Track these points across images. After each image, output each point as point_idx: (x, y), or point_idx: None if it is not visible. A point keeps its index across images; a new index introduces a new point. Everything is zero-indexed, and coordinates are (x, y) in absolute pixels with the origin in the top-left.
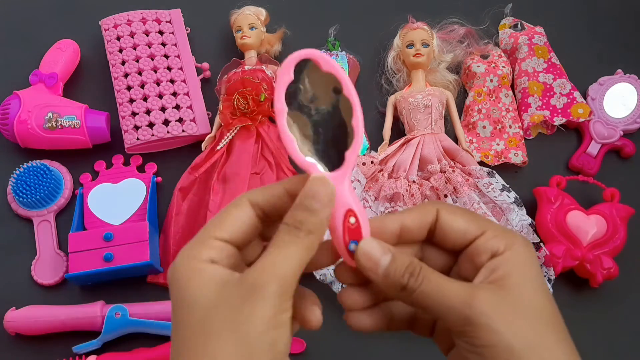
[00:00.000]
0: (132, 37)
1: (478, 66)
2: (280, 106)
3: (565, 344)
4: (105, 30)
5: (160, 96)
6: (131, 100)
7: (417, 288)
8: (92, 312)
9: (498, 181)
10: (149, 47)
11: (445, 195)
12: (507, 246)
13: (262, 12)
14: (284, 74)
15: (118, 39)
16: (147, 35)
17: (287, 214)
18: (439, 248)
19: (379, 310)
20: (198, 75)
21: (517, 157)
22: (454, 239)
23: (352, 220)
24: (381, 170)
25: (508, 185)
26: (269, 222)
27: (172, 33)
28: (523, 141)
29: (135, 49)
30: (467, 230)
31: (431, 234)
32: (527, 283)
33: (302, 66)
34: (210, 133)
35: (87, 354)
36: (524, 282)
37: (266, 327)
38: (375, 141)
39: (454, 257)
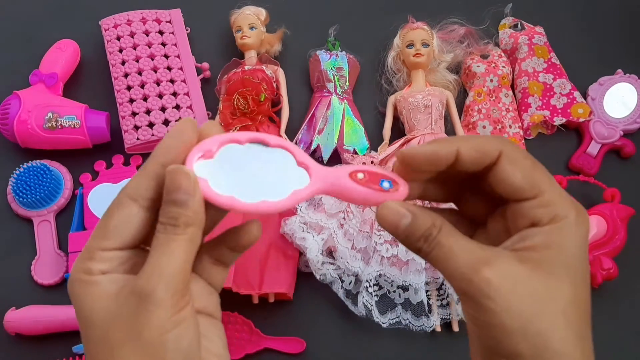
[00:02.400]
0: (132, 37)
1: (478, 66)
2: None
3: (575, 332)
4: (105, 30)
5: (160, 96)
6: (131, 100)
7: (429, 252)
8: None
9: None
10: (149, 47)
11: None
12: (553, 219)
13: (262, 12)
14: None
15: (118, 39)
16: (147, 35)
17: (160, 211)
18: (487, 188)
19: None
20: (198, 75)
21: None
22: (505, 191)
23: (360, 175)
24: None
25: None
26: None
27: (172, 33)
28: (523, 141)
29: (135, 49)
30: (521, 189)
31: (485, 173)
32: (553, 262)
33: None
34: None
35: None
36: (550, 261)
37: (165, 329)
38: (375, 141)
39: (498, 199)
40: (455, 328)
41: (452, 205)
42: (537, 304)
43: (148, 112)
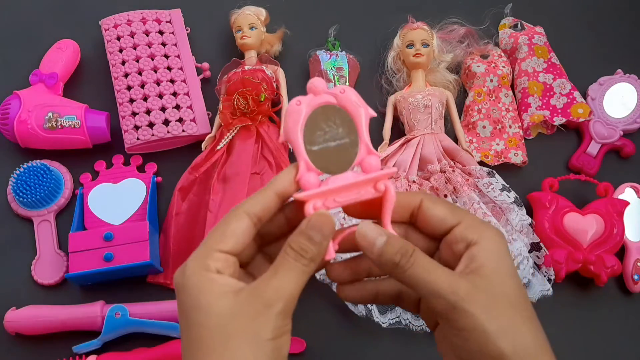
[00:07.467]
0: (132, 37)
1: (478, 66)
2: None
3: (532, 325)
4: (106, 30)
5: (161, 96)
6: (131, 100)
7: (408, 268)
8: (92, 312)
9: (498, 181)
10: (149, 47)
11: (445, 195)
12: (480, 237)
13: (262, 12)
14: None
15: (118, 38)
16: (147, 35)
17: (291, 237)
18: (422, 233)
19: (365, 285)
20: (198, 75)
21: (517, 157)
22: (434, 225)
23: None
24: None
25: (508, 185)
26: (261, 226)
27: (172, 33)
28: (523, 141)
29: (135, 48)
30: (445, 219)
31: (414, 218)
32: (499, 272)
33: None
34: (210, 133)
35: (87, 354)
36: (496, 271)
37: (274, 335)
38: (375, 141)
39: (435, 242)
40: None
41: None
42: (501, 306)
43: (148, 112)
